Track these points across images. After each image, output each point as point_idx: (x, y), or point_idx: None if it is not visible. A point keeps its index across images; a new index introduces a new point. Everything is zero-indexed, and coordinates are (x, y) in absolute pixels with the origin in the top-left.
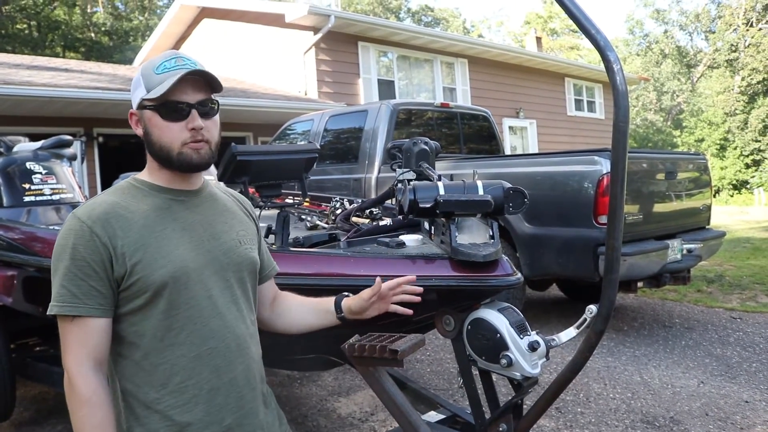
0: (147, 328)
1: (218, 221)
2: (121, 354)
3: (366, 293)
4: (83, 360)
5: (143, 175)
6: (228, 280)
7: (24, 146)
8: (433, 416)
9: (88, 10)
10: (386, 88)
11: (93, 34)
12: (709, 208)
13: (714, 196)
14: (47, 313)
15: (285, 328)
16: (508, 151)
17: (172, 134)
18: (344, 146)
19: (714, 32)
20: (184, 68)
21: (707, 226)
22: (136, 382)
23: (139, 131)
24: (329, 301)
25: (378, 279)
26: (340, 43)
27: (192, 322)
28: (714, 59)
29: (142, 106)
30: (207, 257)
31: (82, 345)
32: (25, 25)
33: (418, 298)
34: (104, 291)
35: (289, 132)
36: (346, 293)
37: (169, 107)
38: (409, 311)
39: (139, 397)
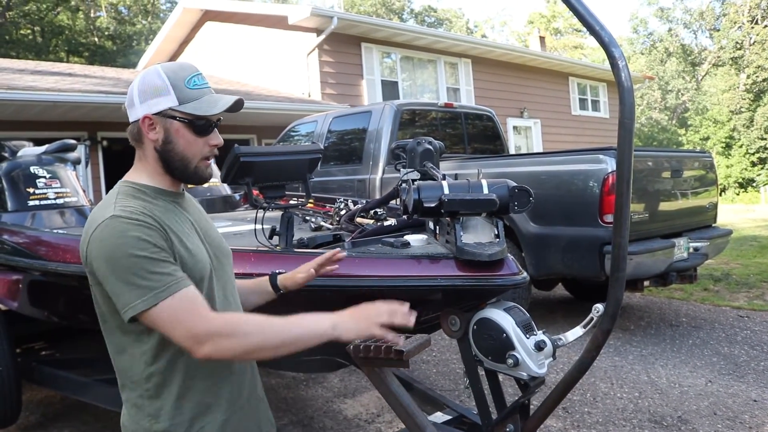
0: None
1: (202, 219)
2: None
3: (300, 279)
4: (205, 312)
5: (141, 178)
6: (226, 271)
7: (28, 151)
8: (439, 417)
9: (92, 15)
10: (390, 89)
11: (96, 39)
12: (715, 206)
13: (720, 195)
14: (134, 314)
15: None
16: (512, 151)
17: (196, 148)
18: (348, 147)
19: (719, 30)
20: (209, 87)
21: (714, 225)
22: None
23: (152, 136)
24: (264, 282)
25: (312, 272)
26: (343, 45)
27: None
28: (719, 57)
29: (167, 115)
30: (211, 253)
31: (196, 305)
32: (28, 31)
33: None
34: (180, 270)
35: (292, 134)
36: (278, 271)
37: (200, 125)
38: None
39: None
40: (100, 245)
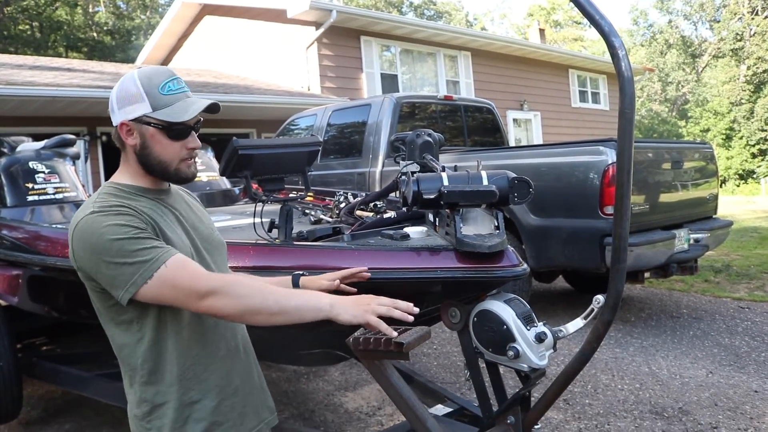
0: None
1: (191, 213)
2: (166, 312)
3: (324, 286)
4: (202, 273)
5: (124, 179)
6: (215, 263)
7: (27, 146)
8: (440, 409)
9: (90, 10)
10: (389, 82)
11: (95, 34)
12: (715, 197)
13: (720, 186)
14: (131, 294)
15: None
16: (512, 144)
17: (173, 152)
18: (348, 140)
19: (719, 21)
20: (185, 91)
21: (714, 216)
22: (182, 335)
23: (130, 141)
24: (286, 281)
25: (337, 282)
26: (342, 38)
27: None
28: (719, 49)
29: (142, 121)
30: (196, 245)
31: (191, 270)
32: (27, 26)
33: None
34: (163, 242)
35: (292, 127)
36: (301, 272)
37: (176, 129)
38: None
39: (178, 345)
40: (81, 240)
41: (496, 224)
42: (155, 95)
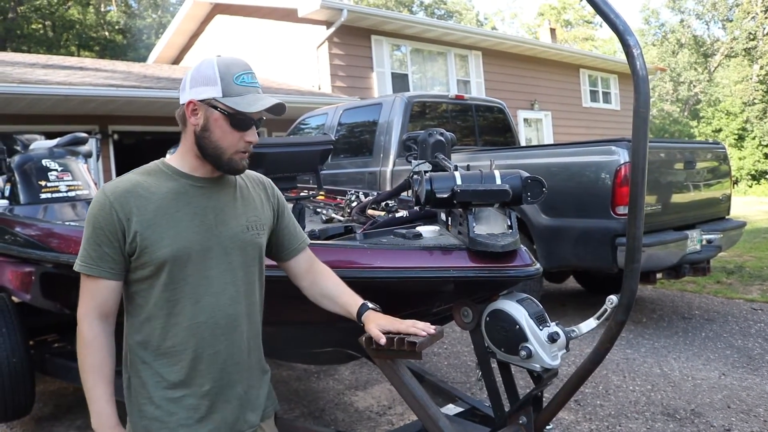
0: (151, 295)
1: (230, 207)
2: (130, 313)
3: (373, 332)
4: (91, 310)
5: (172, 160)
6: (231, 263)
7: (40, 144)
8: (451, 409)
9: (102, 9)
10: (400, 82)
11: (107, 33)
12: (728, 198)
13: (733, 187)
14: (73, 268)
15: (317, 302)
16: (523, 144)
17: (232, 141)
18: (358, 140)
19: (731, 20)
20: (256, 87)
21: (727, 217)
22: (138, 339)
23: (193, 121)
24: (354, 304)
25: (383, 340)
26: (353, 37)
27: (187, 297)
28: (732, 48)
29: (210, 104)
30: (213, 241)
31: (92, 298)
32: (39, 25)
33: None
34: (116, 258)
35: (302, 126)
36: (372, 306)
37: (239, 119)
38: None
39: (139, 353)
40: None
41: (509, 224)
42: (229, 82)
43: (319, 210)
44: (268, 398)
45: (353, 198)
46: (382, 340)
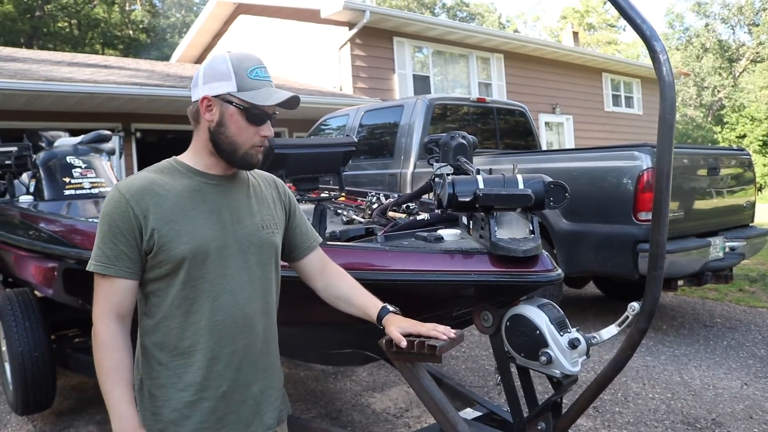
0: (168, 294)
1: (244, 205)
2: (146, 313)
3: (392, 334)
4: (107, 311)
5: (184, 157)
6: (247, 261)
7: (64, 141)
8: (469, 413)
9: (127, 8)
10: (421, 84)
11: (131, 32)
12: (752, 205)
13: (757, 194)
14: (87, 269)
15: (332, 304)
16: (544, 148)
17: (248, 135)
18: (379, 141)
19: (758, 25)
20: (270, 81)
21: (751, 224)
22: (154, 340)
23: (208, 117)
24: (373, 306)
25: (404, 343)
26: (375, 39)
27: (205, 295)
28: (758, 53)
29: (225, 99)
30: (229, 239)
31: (107, 299)
32: (65, 24)
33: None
34: (132, 256)
35: (324, 127)
36: (393, 309)
37: (255, 113)
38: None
39: (155, 354)
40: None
41: (531, 228)
42: (243, 77)
43: (339, 211)
44: (282, 401)
45: (374, 200)
46: (403, 343)
